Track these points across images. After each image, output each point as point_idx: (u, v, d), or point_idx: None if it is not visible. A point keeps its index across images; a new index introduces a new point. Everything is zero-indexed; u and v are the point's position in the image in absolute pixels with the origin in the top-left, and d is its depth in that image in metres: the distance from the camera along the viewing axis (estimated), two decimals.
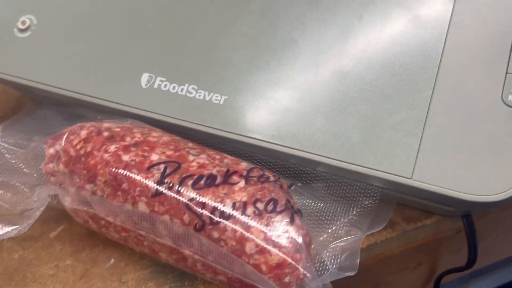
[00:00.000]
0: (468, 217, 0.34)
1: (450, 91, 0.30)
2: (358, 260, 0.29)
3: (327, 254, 0.29)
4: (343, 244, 0.30)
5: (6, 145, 0.34)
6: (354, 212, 0.32)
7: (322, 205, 0.32)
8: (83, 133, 0.31)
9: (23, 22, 0.38)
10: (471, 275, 0.65)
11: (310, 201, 0.32)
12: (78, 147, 0.30)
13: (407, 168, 0.29)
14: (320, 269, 0.29)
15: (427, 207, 0.35)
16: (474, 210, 0.33)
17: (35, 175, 0.33)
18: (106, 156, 0.29)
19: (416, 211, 0.35)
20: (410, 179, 0.29)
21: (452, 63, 0.31)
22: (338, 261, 0.29)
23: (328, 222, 0.31)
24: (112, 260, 0.33)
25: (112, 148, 0.30)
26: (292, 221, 0.27)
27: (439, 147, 0.29)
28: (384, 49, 0.32)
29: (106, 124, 0.32)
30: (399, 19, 0.32)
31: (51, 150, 0.31)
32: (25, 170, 0.33)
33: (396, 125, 0.30)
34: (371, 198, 0.32)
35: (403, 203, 0.35)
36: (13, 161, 0.33)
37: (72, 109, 0.38)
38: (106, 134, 0.31)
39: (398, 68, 0.31)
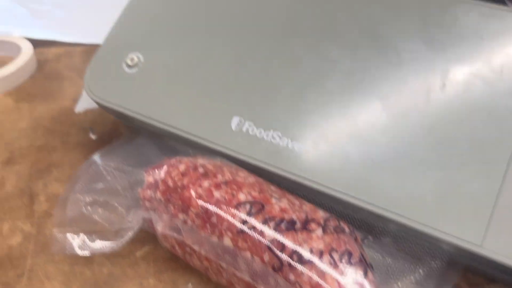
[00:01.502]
0: None
1: None
2: None
3: None
4: None
5: (108, 168, 0.39)
6: (421, 271, 0.33)
7: (390, 260, 0.34)
8: (182, 167, 0.34)
9: (132, 59, 0.43)
10: None
11: (379, 255, 0.34)
12: (176, 179, 0.34)
13: (477, 235, 0.31)
14: None
15: (495, 276, 0.35)
16: None
17: (130, 198, 0.37)
18: (199, 190, 0.33)
19: (481, 276, 0.36)
20: (480, 246, 0.31)
21: None
22: None
23: (394, 278, 0.33)
24: (190, 285, 0.35)
25: (206, 184, 0.33)
26: (365, 275, 0.29)
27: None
28: (463, 117, 0.34)
29: (200, 161, 0.35)
30: (480, 89, 0.34)
31: (151, 179, 0.35)
32: (122, 192, 0.37)
33: (469, 192, 0.32)
34: (438, 260, 0.33)
35: (469, 269, 0.36)
36: (113, 183, 0.38)
37: (166, 141, 0.42)
38: (201, 170, 0.34)
39: (476, 136, 0.33)
